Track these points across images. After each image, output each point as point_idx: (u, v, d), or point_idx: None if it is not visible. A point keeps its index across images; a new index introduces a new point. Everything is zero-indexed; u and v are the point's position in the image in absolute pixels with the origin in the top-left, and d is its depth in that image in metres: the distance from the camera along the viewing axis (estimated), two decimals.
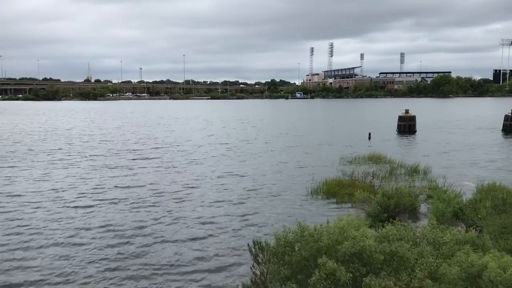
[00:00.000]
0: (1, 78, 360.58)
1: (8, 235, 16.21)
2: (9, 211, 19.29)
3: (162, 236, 16.08)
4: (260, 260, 10.78)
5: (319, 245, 7.96)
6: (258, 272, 10.48)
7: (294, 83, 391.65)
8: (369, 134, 49.98)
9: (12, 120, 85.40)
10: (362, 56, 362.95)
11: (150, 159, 34.57)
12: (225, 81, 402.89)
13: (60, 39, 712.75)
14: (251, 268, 10.89)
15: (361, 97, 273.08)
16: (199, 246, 15.17)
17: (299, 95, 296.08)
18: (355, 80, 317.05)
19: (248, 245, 11.40)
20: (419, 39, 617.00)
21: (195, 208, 19.86)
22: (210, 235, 16.26)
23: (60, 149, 41.09)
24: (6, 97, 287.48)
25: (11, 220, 17.99)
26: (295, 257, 8.03)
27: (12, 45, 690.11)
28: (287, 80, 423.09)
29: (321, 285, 7.46)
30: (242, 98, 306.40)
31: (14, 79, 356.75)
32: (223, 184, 25.07)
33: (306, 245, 8.05)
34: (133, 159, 34.41)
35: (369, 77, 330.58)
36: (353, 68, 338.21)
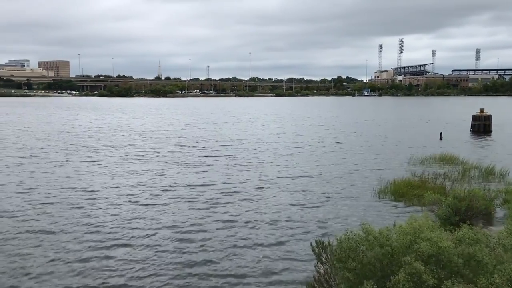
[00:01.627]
0: (78, 75, 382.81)
1: (80, 231, 17.00)
2: (82, 207, 20.14)
3: (233, 236, 16.27)
4: (323, 260, 10.78)
5: (385, 250, 7.76)
6: (321, 271, 10.48)
7: (361, 80, 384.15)
8: (441, 133, 48.04)
9: (97, 116, 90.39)
10: (434, 52, 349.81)
11: (220, 157, 34.90)
12: (290, 78, 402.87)
13: (133, 38, 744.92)
14: (314, 266, 10.90)
15: (432, 95, 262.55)
16: (265, 242, 15.38)
17: (366, 92, 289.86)
18: (426, 77, 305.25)
19: (311, 244, 11.39)
20: (498, 34, 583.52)
21: (265, 207, 20.01)
22: (276, 232, 16.41)
23: (133, 145, 42.99)
24: (83, 93, 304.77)
25: (84, 217, 18.99)
26: (360, 262, 7.88)
27: (89, 44, 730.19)
28: (354, 77, 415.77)
29: (404, 286, 7.21)
30: (307, 95, 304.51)
31: (90, 76, 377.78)
32: (292, 183, 25.02)
33: (371, 250, 7.90)
34: (204, 156, 34.98)
35: (441, 74, 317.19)
36: (424, 65, 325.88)
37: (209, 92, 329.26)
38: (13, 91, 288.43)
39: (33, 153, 36.39)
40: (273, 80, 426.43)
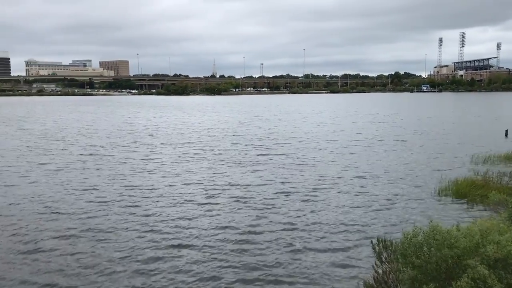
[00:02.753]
0: (137, 75, 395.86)
1: (137, 231, 17.26)
2: (139, 205, 20.48)
3: (291, 238, 15.92)
4: (383, 259, 10.57)
5: (454, 252, 7.45)
6: (380, 271, 10.25)
7: (420, 76, 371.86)
8: (506, 131, 45.63)
9: (155, 114, 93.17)
10: (499, 45, 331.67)
11: (277, 155, 34.33)
12: (345, 74, 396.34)
13: (190, 37, 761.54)
14: (373, 266, 10.54)
15: (497, 90, 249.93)
16: (323, 240, 14.87)
17: (425, 88, 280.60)
18: (489, 72, 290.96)
19: (372, 242, 11.11)
20: None
21: (325, 208, 19.50)
22: (334, 234, 15.85)
23: (190, 142, 43.53)
24: (142, 92, 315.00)
25: (142, 216, 19.27)
26: (427, 260, 7.62)
27: (148, 43, 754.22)
28: (412, 72, 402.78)
29: None
30: (363, 91, 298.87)
31: (148, 75, 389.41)
32: (352, 183, 24.29)
33: (438, 250, 7.62)
34: (260, 155, 34.63)
35: (507, 68, 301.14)
36: (488, 59, 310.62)
37: (263, 89, 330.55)
38: (76, 90, 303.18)
39: (95, 150, 37.68)
40: (328, 76, 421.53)
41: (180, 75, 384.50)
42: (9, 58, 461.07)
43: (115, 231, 16.60)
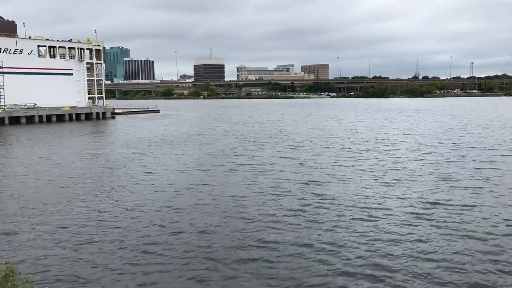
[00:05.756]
0: (336, 78, 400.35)
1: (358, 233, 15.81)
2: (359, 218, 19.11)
3: None
4: None
5: None
6: None
7: None
8: None
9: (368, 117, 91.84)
10: None
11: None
12: None
13: (392, 38, 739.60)
14: None
15: None
16: None
17: None
18: None
19: None
20: None
21: None
22: None
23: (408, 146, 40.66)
24: (340, 94, 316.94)
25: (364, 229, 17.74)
26: None
27: (348, 46, 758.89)
28: None
29: None
30: None
31: (347, 78, 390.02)
32: None
33: None
34: (483, 168, 30.26)
35: None
36: None
37: (472, 91, 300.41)
38: (279, 93, 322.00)
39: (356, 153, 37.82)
40: None
41: (380, 76, 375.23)
42: (223, 65, 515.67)
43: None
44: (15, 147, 45.67)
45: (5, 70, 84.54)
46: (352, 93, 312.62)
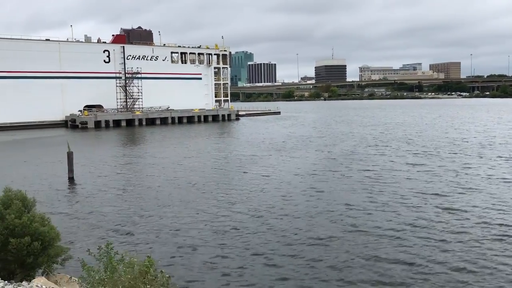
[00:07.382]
0: (469, 76, 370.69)
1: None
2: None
3: None
4: None
5: None
6: None
7: None
8: None
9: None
10: None
11: None
12: None
13: None
14: None
15: None
16: None
17: None
18: None
19: None
20: None
21: None
22: None
23: None
24: (473, 94, 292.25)
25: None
26: None
27: (482, 42, 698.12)
28: None
29: None
30: None
31: (482, 76, 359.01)
32: None
33: None
34: None
35: None
36: None
37: None
38: (405, 94, 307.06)
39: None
40: None
41: None
42: (345, 65, 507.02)
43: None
44: (155, 145, 51.09)
45: (143, 75, 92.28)
46: (487, 92, 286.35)
